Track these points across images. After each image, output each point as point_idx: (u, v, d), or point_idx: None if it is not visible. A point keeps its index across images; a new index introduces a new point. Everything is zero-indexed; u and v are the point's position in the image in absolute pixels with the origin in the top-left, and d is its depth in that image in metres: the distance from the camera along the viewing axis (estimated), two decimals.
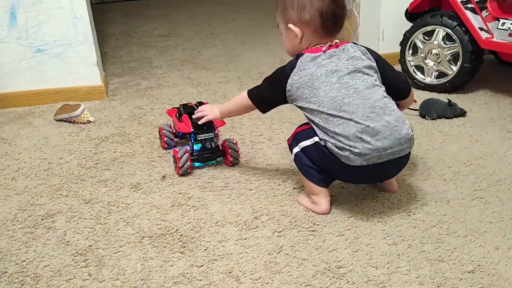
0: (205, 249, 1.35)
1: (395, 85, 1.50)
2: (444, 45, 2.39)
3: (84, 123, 2.22)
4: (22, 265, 1.31)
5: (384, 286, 1.21)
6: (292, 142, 1.51)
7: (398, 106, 1.47)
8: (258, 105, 1.54)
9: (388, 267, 1.26)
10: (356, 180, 1.54)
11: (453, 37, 2.34)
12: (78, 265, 1.30)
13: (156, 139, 2.03)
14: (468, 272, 1.24)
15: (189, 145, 1.79)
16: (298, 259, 1.30)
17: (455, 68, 2.38)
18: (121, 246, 1.37)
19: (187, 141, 1.82)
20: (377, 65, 1.45)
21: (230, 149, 1.76)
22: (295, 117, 2.15)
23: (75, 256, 1.34)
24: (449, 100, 2.18)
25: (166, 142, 1.91)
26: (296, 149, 1.48)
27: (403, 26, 2.58)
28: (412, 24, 2.54)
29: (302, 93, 1.40)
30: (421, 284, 1.21)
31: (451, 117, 2.15)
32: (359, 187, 1.63)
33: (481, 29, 2.28)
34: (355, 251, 1.32)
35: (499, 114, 2.19)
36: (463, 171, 1.72)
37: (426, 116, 2.16)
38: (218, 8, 5.00)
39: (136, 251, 1.35)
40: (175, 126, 1.89)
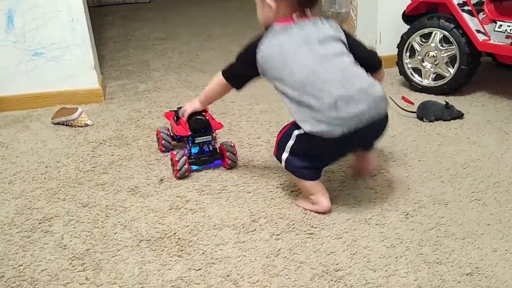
0: (203, 253, 1.35)
1: (365, 59, 1.52)
2: (441, 47, 2.40)
3: (81, 126, 2.22)
4: (19, 269, 1.30)
5: None
6: (278, 151, 1.51)
7: None
8: (231, 82, 1.55)
9: (386, 270, 1.26)
10: (345, 151, 1.52)
11: (450, 40, 2.35)
12: (75, 269, 1.30)
13: (154, 142, 2.03)
14: (466, 274, 1.24)
15: (187, 148, 1.78)
16: (296, 262, 1.30)
17: (452, 70, 2.39)
18: (119, 250, 1.37)
19: (185, 144, 1.82)
20: (347, 40, 1.47)
21: (228, 152, 1.76)
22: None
23: (72, 260, 1.33)
24: (447, 102, 2.19)
25: (164, 145, 1.91)
26: (285, 155, 1.48)
27: (400, 28, 2.59)
28: (409, 26, 2.54)
29: (272, 63, 1.41)
30: (419, 287, 1.21)
31: (449, 119, 2.16)
32: (357, 189, 1.63)
33: (478, 31, 2.28)
34: (353, 254, 1.32)
35: (497, 116, 2.20)
36: (461, 173, 1.72)
37: (423, 118, 2.17)
38: (216, 11, 5.00)
39: (133, 254, 1.35)
40: (172, 129, 1.89)
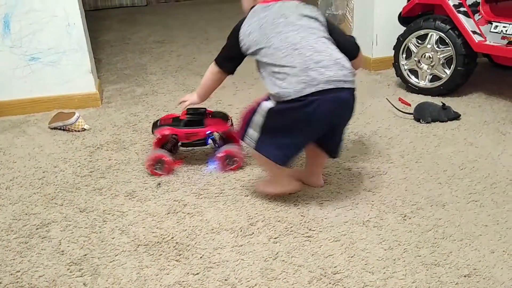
0: (201, 257, 1.34)
1: (344, 44, 1.54)
2: (437, 48, 2.40)
3: (78, 131, 2.21)
4: (16, 275, 1.30)
5: None
6: (245, 128, 1.49)
7: None
8: (222, 67, 1.62)
9: (384, 272, 1.26)
10: (315, 128, 1.46)
11: (446, 41, 2.35)
12: (73, 274, 1.30)
13: (151, 146, 2.02)
14: (464, 276, 1.24)
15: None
16: (294, 265, 1.30)
17: (448, 72, 2.39)
18: (117, 255, 1.37)
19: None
20: (327, 24, 1.53)
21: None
22: None
23: (70, 265, 1.33)
24: (443, 104, 2.19)
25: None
26: (256, 134, 1.47)
27: (396, 30, 2.60)
28: (405, 28, 2.55)
29: (253, 37, 1.48)
30: None
31: (445, 121, 2.16)
32: (354, 192, 1.63)
33: (474, 32, 2.29)
34: (351, 257, 1.32)
35: (493, 117, 2.20)
36: (458, 175, 1.73)
37: (420, 120, 2.17)
38: (213, 14, 5.01)
39: (131, 259, 1.35)
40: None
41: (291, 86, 1.38)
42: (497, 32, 2.25)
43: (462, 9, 2.32)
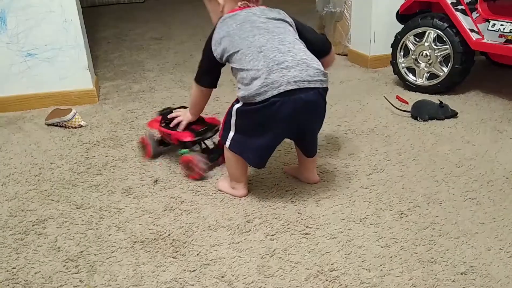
0: (198, 254, 1.34)
1: (314, 43, 1.55)
2: (435, 46, 2.40)
3: (75, 127, 2.21)
4: (12, 272, 1.30)
5: None
6: (224, 130, 1.54)
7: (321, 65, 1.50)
8: (203, 84, 1.62)
9: (381, 270, 1.26)
10: (285, 129, 1.46)
11: (444, 39, 2.35)
12: (69, 271, 1.29)
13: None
14: (461, 273, 1.24)
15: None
16: (291, 262, 1.30)
17: (446, 70, 2.39)
18: (113, 252, 1.36)
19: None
20: (295, 24, 1.55)
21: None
22: None
23: (66, 262, 1.33)
24: (441, 101, 2.19)
25: (154, 150, 1.88)
26: (231, 133, 1.50)
27: (394, 28, 2.59)
28: (403, 26, 2.55)
29: (223, 45, 1.49)
30: (414, 286, 1.21)
31: (443, 118, 2.16)
32: (351, 189, 1.63)
33: (472, 30, 2.29)
34: (348, 254, 1.32)
35: (491, 115, 2.21)
36: (455, 172, 1.73)
37: (417, 118, 2.17)
38: None
39: (128, 256, 1.34)
40: (170, 136, 1.82)
41: (255, 89, 1.39)
42: (494, 30, 2.25)
43: (460, 7, 2.32)
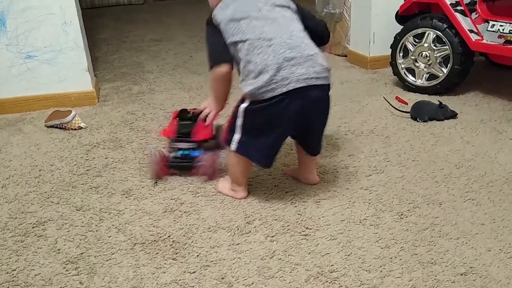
0: (198, 255, 1.34)
1: (315, 30, 1.55)
2: (434, 47, 2.40)
3: (75, 129, 2.21)
4: (12, 274, 1.30)
5: None
6: (229, 134, 1.52)
7: None
8: (217, 61, 1.51)
9: (381, 271, 1.26)
10: (291, 126, 1.47)
11: (443, 40, 2.36)
12: (69, 273, 1.29)
13: (148, 144, 2.02)
14: (461, 274, 1.24)
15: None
16: (291, 263, 1.30)
17: (445, 70, 2.40)
18: (113, 254, 1.36)
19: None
20: (298, 10, 1.54)
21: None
22: None
23: (66, 264, 1.32)
24: (440, 102, 2.19)
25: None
26: (237, 136, 1.49)
27: (393, 29, 2.60)
28: (402, 27, 2.55)
29: (229, 28, 1.47)
30: (414, 287, 1.21)
31: (442, 119, 2.16)
32: (351, 190, 1.63)
33: (471, 31, 2.29)
34: (348, 255, 1.32)
35: (490, 116, 2.21)
36: (455, 173, 1.73)
37: (417, 118, 2.17)
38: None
39: (128, 258, 1.34)
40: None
41: (262, 83, 1.38)
42: (494, 31, 2.26)
43: (459, 7, 2.32)
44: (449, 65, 2.37)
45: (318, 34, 1.56)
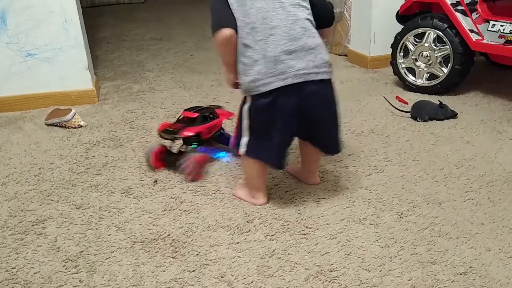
0: (197, 254, 1.34)
1: (322, 11, 1.50)
2: (434, 47, 2.40)
3: (75, 127, 2.21)
4: (12, 272, 1.30)
5: None
6: (238, 139, 1.50)
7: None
8: (221, 25, 1.41)
9: (381, 270, 1.26)
10: (295, 120, 1.44)
11: (444, 39, 2.35)
12: (69, 271, 1.29)
13: (148, 143, 2.02)
14: (460, 274, 1.24)
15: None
16: (291, 262, 1.30)
17: (446, 70, 2.39)
18: (113, 252, 1.36)
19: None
20: None
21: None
22: None
23: (66, 262, 1.33)
24: (440, 102, 2.19)
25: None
26: (245, 139, 1.46)
27: (394, 28, 2.59)
28: (403, 26, 2.55)
29: (236, 6, 1.40)
30: (413, 287, 1.21)
31: (443, 119, 2.16)
32: (351, 190, 1.63)
33: (472, 31, 2.29)
34: (347, 254, 1.32)
35: (490, 116, 2.21)
36: (455, 173, 1.73)
37: (417, 118, 2.17)
38: None
39: (127, 256, 1.34)
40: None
41: (260, 78, 1.36)
42: (494, 31, 2.26)
43: (459, 7, 2.32)
44: (449, 65, 2.37)
45: (324, 16, 1.51)
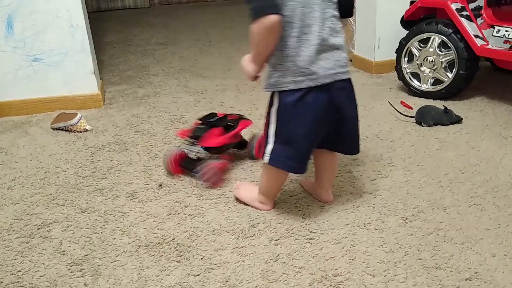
0: (202, 258, 1.34)
1: (344, 4, 1.46)
2: (439, 52, 2.40)
3: (80, 131, 2.22)
4: (17, 275, 1.30)
5: None
6: (265, 146, 1.45)
7: None
8: (265, 10, 1.26)
9: (385, 275, 1.26)
10: (324, 122, 1.41)
11: (449, 45, 2.35)
12: (74, 275, 1.30)
13: (153, 147, 2.03)
14: (465, 279, 1.24)
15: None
16: (295, 267, 1.30)
17: (450, 75, 2.39)
18: (117, 256, 1.37)
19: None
20: None
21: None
22: None
23: (71, 265, 1.33)
24: (445, 107, 2.19)
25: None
26: (270, 146, 1.43)
27: (398, 33, 2.60)
28: (407, 31, 2.55)
29: None
30: None
31: (447, 124, 2.16)
32: (356, 195, 1.63)
33: (476, 36, 2.29)
34: (352, 259, 1.32)
35: (495, 121, 2.20)
36: (460, 178, 1.72)
37: (422, 123, 2.17)
38: (215, 16, 5.02)
39: (132, 260, 1.35)
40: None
41: (289, 73, 1.34)
42: (499, 36, 2.25)
43: (464, 13, 2.32)
44: (454, 70, 2.37)
45: (347, 6, 1.48)
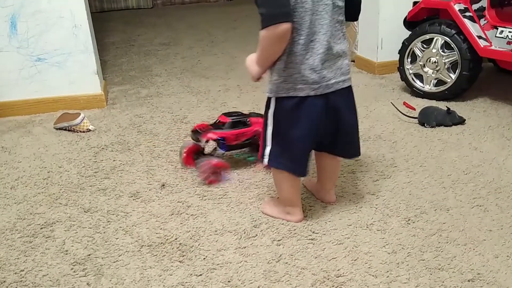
0: (204, 258, 1.35)
1: (353, 4, 1.46)
2: (442, 53, 2.40)
3: (83, 131, 2.22)
4: (21, 274, 1.31)
5: None
6: (263, 148, 1.45)
7: None
8: (279, 18, 1.24)
9: (388, 276, 1.26)
10: (321, 126, 1.40)
11: (452, 45, 2.35)
12: (77, 274, 1.30)
13: (155, 147, 2.04)
14: (468, 280, 1.24)
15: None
16: (297, 267, 1.30)
17: (453, 76, 2.39)
18: (120, 255, 1.37)
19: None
20: None
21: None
22: None
23: (74, 265, 1.33)
24: (448, 108, 2.19)
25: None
26: (268, 148, 1.42)
27: (401, 34, 2.59)
28: (410, 32, 2.55)
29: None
30: None
31: (450, 125, 2.16)
32: (358, 195, 1.63)
33: (480, 37, 2.29)
34: (354, 260, 1.32)
35: (498, 122, 2.20)
36: (462, 179, 1.72)
37: (425, 124, 2.17)
38: (218, 16, 5.02)
39: (135, 260, 1.35)
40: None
41: (291, 80, 1.33)
42: (502, 37, 2.25)
43: (467, 14, 2.32)
44: (457, 71, 2.37)
45: (354, 10, 1.47)
